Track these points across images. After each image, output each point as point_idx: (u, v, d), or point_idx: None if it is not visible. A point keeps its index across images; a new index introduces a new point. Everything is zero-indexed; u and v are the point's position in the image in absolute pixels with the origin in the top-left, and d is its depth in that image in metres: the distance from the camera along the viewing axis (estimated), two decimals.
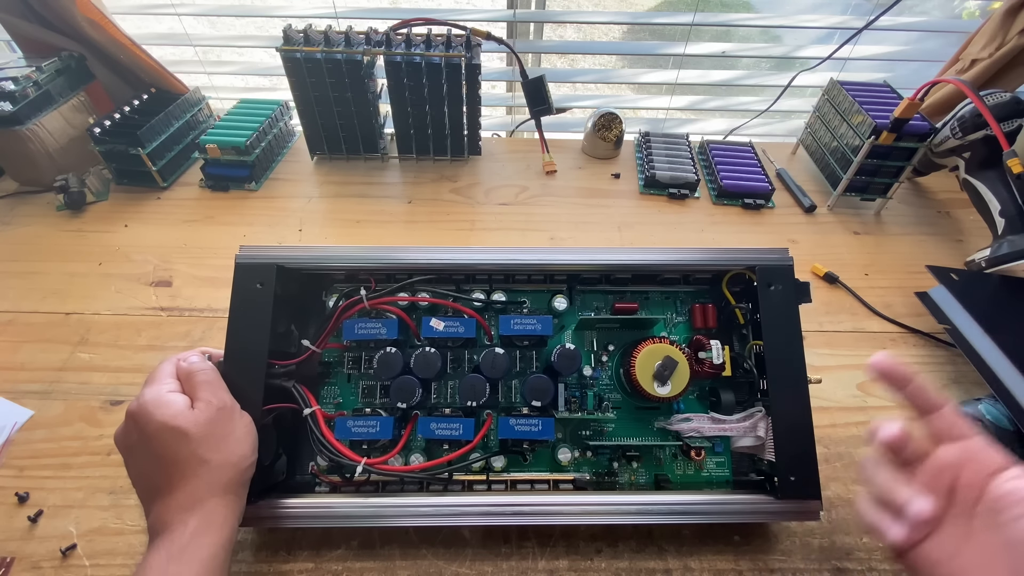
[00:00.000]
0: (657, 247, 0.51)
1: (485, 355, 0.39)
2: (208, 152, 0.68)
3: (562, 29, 2.58)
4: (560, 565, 0.39)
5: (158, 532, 0.31)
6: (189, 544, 0.30)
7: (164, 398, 0.33)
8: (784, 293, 0.39)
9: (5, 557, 0.38)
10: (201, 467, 0.32)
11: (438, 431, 0.38)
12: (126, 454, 0.34)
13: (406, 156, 0.76)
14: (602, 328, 0.44)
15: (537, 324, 0.39)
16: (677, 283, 0.45)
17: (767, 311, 0.39)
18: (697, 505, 0.37)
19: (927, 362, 0.53)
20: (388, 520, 0.37)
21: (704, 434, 0.41)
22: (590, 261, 0.42)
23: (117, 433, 0.35)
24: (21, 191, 0.69)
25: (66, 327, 0.53)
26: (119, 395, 0.48)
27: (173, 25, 0.92)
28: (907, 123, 0.60)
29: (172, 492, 0.32)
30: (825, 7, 1.87)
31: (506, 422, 0.38)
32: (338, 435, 0.38)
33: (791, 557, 0.39)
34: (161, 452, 0.32)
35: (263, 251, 0.40)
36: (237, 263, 0.39)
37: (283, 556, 0.39)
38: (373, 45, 0.65)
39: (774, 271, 0.40)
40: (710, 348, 0.40)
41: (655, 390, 0.38)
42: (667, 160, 0.74)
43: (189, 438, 0.32)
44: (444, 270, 0.43)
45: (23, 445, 0.45)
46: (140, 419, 0.33)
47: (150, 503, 0.33)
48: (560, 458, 0.40)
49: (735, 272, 0.42)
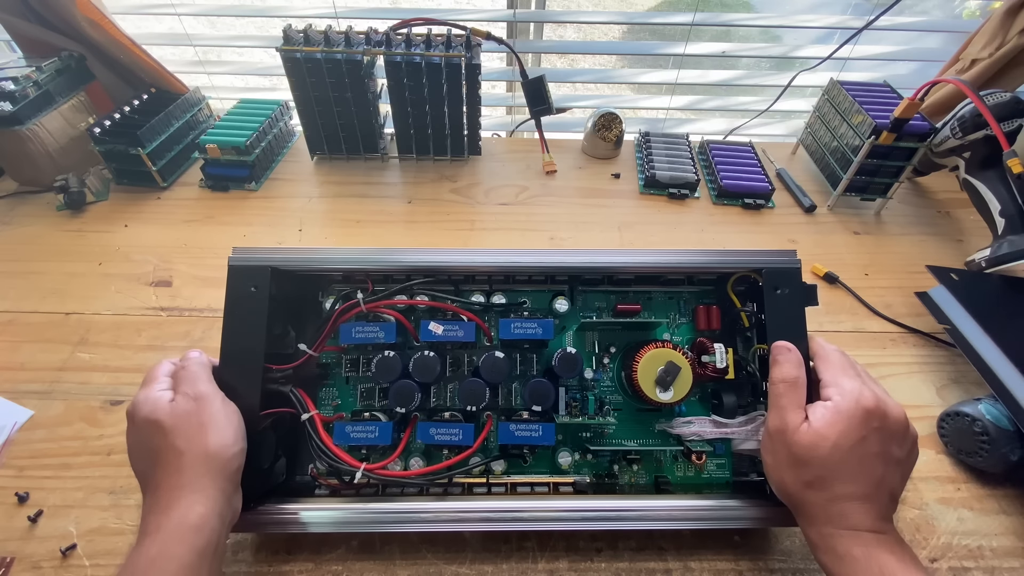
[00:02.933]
0: (661, 248, 0.52)
1: (485, 359, 0.39)
2: (208, 152, 0.68)
3: (562, 29, 2.58)
4: (560, 565, 0.39)
5: (140, 534, 0.31)
6: (158, 556, 0.29)
7: (152, 396, 0.34)
8: (791, 297, 0.38)
9: (5, 557, 0.38)
10: (178, 459, 0.32)
11: (437, 436, 0.38)
12: (128, 454, 0.35)
13: (406, 156, 0.76)
14: (604, 330, 0.44)
15: (538, 328, 0.39)
16: (681, 284, 0.44)
17: (772, 315, 0.38)
18: (696, 511, 0.37)
19: (927, 362, 0.53)
20: (387, 526, 0.37)
21: (705, 437, 0.40)
22: (592, 263, 0.42)
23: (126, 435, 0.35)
24: (21, 191, 0.69)
25: (66, 327, 0.53)
26: (119, 395, 0.48)
27: (173, 25, 0.92)
28: (907, 123, 0.60)
29: (155, 488, 0.32)
30: (825, 7, 1.87)
31: (506, 427, 0.38)
32: (337, 440, 0.38)
33: (791, 557, 0.39)
34: (145, 447, 0.33)
35: (257, 253, 0.40)
36: (230, 265, 0.38)
37: (283, 556, 0.39)
38: (373, 45, 0.65)
39: (781, 274, 0.39)
40: (713, 352, 0.39)
41: (657, 396, 0.38)
42: (667, 160, 0.74)
43: (164, 429, 0.32)
44: (443, 272, 0.42)
45: (23, 445, 0.45)
46: (130, 417, 0.34)
47: (144, 502, 0.33)
48: (560, 462, 0.40)
49: (740, 274, 0.42)
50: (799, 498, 0.32)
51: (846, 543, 0.30)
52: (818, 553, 0.32)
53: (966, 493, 0.43)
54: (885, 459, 0.32)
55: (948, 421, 0.45)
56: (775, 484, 0.34)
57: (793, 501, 0.33)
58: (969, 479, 0.44)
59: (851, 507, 0.31)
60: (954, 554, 0.40)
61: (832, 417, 0.32)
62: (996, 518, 0.42)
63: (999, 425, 0.41)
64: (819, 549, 0.31)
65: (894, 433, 0.32)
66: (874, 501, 0.31)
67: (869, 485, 0.31)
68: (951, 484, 0.44)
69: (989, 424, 0.42)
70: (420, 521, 0.36)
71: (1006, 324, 0.48)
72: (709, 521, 0.37)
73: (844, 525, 0.31)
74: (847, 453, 0.31)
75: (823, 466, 0.31)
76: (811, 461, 0.31)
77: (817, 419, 0.32)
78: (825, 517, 0.31)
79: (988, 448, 0.42)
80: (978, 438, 0.42)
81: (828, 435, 0.31)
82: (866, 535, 0.30)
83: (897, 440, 0.32)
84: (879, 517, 0.31)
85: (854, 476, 0.31)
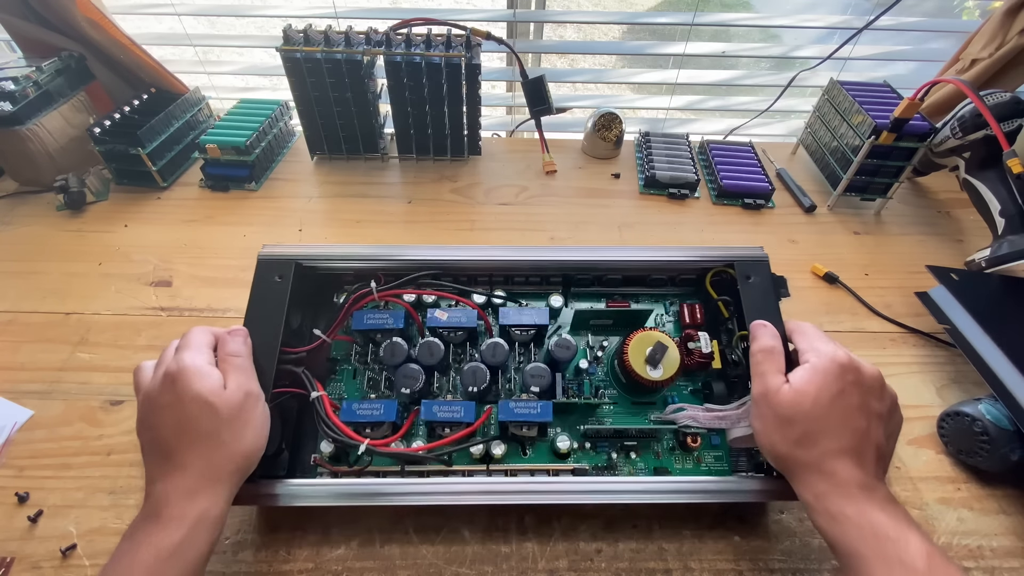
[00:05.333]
0: (642, 246, 0.56)
1: (486, 345, 0.42)
2: (208, 152, 0.68)
3: (562, 29, 2.58)
4: (560, 565, 0.39)
5: (154, 513, 0.30)
6: (180, 544, 0.30)
7: (204, 369, 0.34)
8: (762, 284, 0.42)
9: (5, 557, 0.38)
10: (218, 448, 0.32)
11: (440, 413, 0.39)
12: (149, 411, 0.33)
13: (406, 156, 0.76)
14: (597, 327, 0.46)
15: (534, 315, 0.43)
16: (665, 284, 0.48)
17: (748, 301, 0.42)
18: (694, 486, 0.37)
19: (927, 362, 0.53)
20: (388, 499, 0.37)
21: (699, 422, 0.41)
22: (578, 258, 0.46)
23: (148, 388, 0.34)
24: (21, 191, 0.69)
25: (66, 327, 0.53)
26: (119, 395, 0.48)
27: (173, 25, 0.92)
28: (907, 123, 0.60)
29: (183, 468, 0.31)
30: (824, 7, 1.87)
31: (506, 405, 0.39)
32: (343, 417, 0.39)
33: (791, 557, 0.39)
34: (187, 421, 0.32)
35: (283, 249, 0.45)
36: (259, 259, 0.43)
37: (283, 556, 0.39)
38: (373, 45, 0.65)
39: (751, 265, 0.43)
40: (698, 339, 0.43)
41: (647, 373, 0.40)
42: (667, 160, 0.74)
43: (217, 416, 0.32)
44: (447, 267, 0.46)
45: (23, 445, 0.45)
46: (179, 383, 0.33)
47: (156, 471, 0.32)
48: (559, 446, 0.41)
49: (716, 269, 0.45)
50: (791, 459, 0.33)
51: (838, 502, 0.31)
52: (814, 516, 0.32)
53: (966, 493, 0.43)
54: (866, 412, 0.33)
55: (948, 421, 0.45)
56: (767, 450, 0.35)
57: (786, 465, 0.34)
58: (969, 479, 0.44)
59: (840, 463, 0.31)
60: (954, 554, 0.40)
61: (810, 375, 0.33)
62: (996, 518, 0.42)
63: (999, 425, 0.41)
64: (814, 511, 0.32)
65: (871, 387, 0.34)
66: (861, 455, 0.32)
67: (854, 437, 0.32)
68: (951, 484, 0.44)
69: (989, 424, 0.42)
70: (420, 494, 0.37)
71: (1006, 324, 0.48)
72: (708, 495, 0.37)
73: (835, 482, 0.31)
74: (828, 407, 0.32)
75: (807, 420, 0.32)
76: (795, 417, 0.33)
77: (796, 379, 0.34)
78: (817, 476, 0.32)
79: (988, 448, 0.42)
80: (978, 438, 0.42)
81: (807, 390, 0.33)
82: (857, 493, 0.31)
83: (875, 394, 0.34)
84: (868, 473, 0.31)
85: (838, 429, 0.32)
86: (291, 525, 0.40)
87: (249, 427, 0.34)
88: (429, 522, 0.41)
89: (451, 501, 0.37)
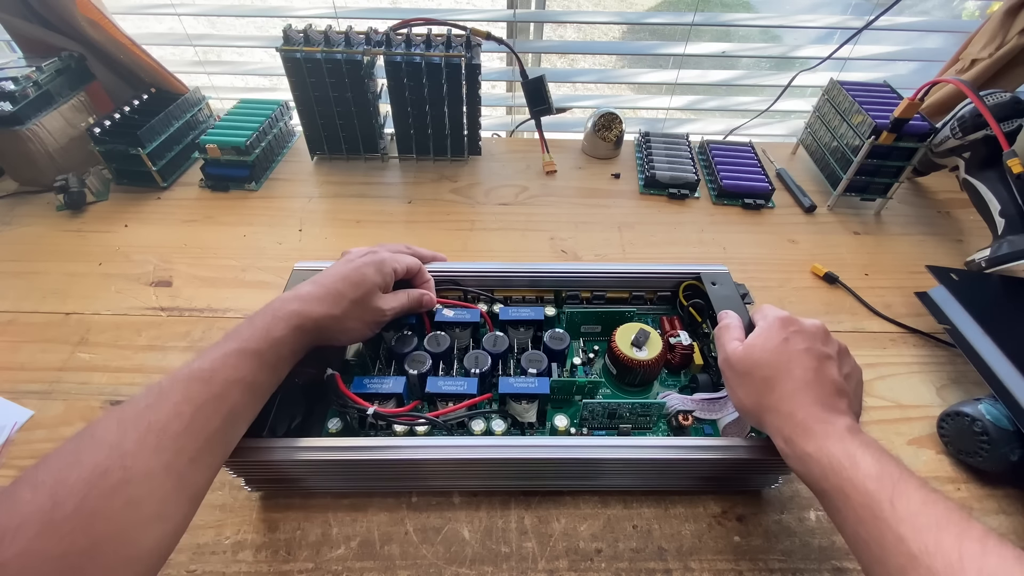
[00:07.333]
0: (613, 262, 0.61)
1: (487, 336, 0.45)
2: (208, 152, 0.68)
3: (562, 29, 2.58)
4: (560, 565, 0.39)
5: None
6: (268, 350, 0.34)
7: (388, 271, 0.42)
8: (727, 289, 0.47)
9: None
10: (338, 302, 0.38)
11: (444, 386, 0.41)
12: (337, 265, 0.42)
13: (406, 156, 0.76)
14: (587, 334, 0.50)
15: (531, 312, 0.47)
16: (645, 303, 0.53)
17: (717, 301, 0.46)
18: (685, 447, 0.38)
19: (927, 362, 0.53)
20: (387, 452, 0.37)
21: (687, 407, 0.43)
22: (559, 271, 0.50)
23: (356, 251, 0.44)
24: (21, 191, 0.69)
25: (66, 327, 0.53)
26: (119, 395, 0.48)
27: (173, 25, 0.92)
28: (907, 123, 0.60)
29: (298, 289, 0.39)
30: (825, 7, 1.87)
31: (506, 380, 0.41)
32: (354, 389, 0.41)
33: (791, 557, 0.39)
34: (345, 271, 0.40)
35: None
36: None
37: (283, 556, 0.39)
38: (373, 45, 0.65)
39: (714, 276, 0.49)
40: (678, 335, 0.47)
41: (634, 354, 0.43)
42: (667, 160, 0.74)
43: (356, 290, 0.39)
44: (440, 282, 0.49)
45: (23, 445, 0.45)
46: (366, 259, 0.41)
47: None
48: (557, 424, 0.42)
49: (687, 282, 0.50)
50: (758, 409, 0.35)
51: (801, 443, 0.32)
52: (789, 462, 0.33)
53: (966, 493, 0.43)
54: (814, 354, 0.35)
55: (948, 421, 0.45)
56: (741, 409, 0.37)
57: (757, 417, 0.36)
58: (969, 479, 0.44)
59: (796, 402, 0.33)
60: None
61: (756, 332, 0.37)
62: (996, 518, 0.42)
63: (999, 425, 0.41)
64: (787, 456, 0.33)
65: (814, 334, 0.36)
66: (817, 391, 0.33)
67: (806, 374, 0.34)
68: (951, 484, 0.44)
69: (989, 424, 0.42)
70: (418, 447, 0.37)
71: (1006, 324, 0.48)
72: (698, 450, 0.37)
73: (795, 422, 0.33)
74: (776, 352, 0.35)
75: (760, 368, 0.35)
76: (751, 369, 0.36)
77: (747, 339, 0.38)
78: (781, 419, 0.33)
79: (988, 448, 0.42)
80: (978, 438, 0.42)
81: (755, 343, 0.36)
82: (816, 428, 0.32)
83: (820, 339, 0.36)
84: (827, 408, 0.32)
85: (789, 369, 0.34)
86: (291, 525, 0.40)
87: (356, 320, 0.39)
88: (429, 522, 0.41)
89: (449, 455, 0.37)
